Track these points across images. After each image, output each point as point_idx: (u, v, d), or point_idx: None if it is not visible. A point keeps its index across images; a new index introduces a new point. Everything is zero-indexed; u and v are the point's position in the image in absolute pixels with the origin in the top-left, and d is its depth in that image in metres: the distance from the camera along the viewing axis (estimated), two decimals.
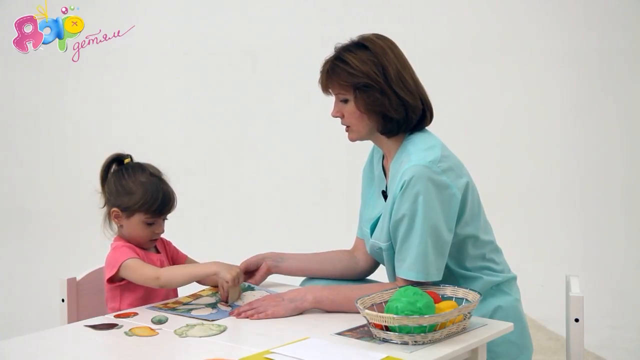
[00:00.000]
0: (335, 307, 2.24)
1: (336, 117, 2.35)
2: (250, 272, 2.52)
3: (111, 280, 2.31)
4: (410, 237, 2.20)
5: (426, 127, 2.37)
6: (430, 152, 2.24)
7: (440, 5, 5.39)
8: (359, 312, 2.10)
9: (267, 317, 2.19)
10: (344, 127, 2.36)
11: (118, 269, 2.28)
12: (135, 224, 2.32)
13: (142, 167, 2.36)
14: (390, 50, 2.30)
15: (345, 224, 4.47)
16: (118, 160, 2.39)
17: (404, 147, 2.30)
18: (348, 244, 2.76)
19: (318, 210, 5.38)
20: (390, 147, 2.35)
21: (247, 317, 2.20)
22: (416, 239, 2.19)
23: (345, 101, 2.30)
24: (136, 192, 2.31)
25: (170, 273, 2.27)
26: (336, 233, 4.49)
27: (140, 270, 2.27)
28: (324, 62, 2.34)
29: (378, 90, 2.25)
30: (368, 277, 2.60)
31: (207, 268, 2.28)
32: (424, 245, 2.18)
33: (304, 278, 2.59)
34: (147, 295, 2.34)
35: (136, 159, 2.42)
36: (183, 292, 2.42)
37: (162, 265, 2.38)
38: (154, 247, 2.43)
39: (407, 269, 2.20)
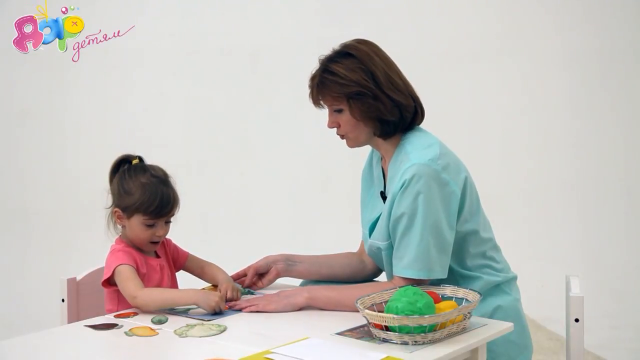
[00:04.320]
0: (331, 305, 2.24)
1: (332, 127, 2.35)
2: (259, 275, 2.52)
3: (107, 283, 2.31)
4: (410, 235, 2.20)
5: (423, 126, 2.37)
6: (429, 150, 2.24)
7: (441, 6, 5.39)
8: (354, 311, 2.11)
9: (258, 310, 2.22)
10: (340, 136, 2.35)
11: (112, 274, 2.28)
12: (135, 225, 2.32)
13: (144, 169, 2.35)
14: (375, 54, 2.29)
15: (346, 224, 4.46)
16: (126, 161, 2.39)
17: (401, 146, 2.31)
18: (349, 243, 2.75)
19: (318, 210, 5.38)
20: (387, 148, 2.35)
21: (242, 309, 2.22)
22: (417, 237, 2.19)
23: (340, 111, 2.30)
24: (135, 193, 2.30)
25: (149, 296, 2.23)
26: (337, 232, 4.50)
27: (125, 282, 2.24)
28: (311, 76, 2.32)
29: (371, 96, 2.25)
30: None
31: (186, 298, 2.23)
32: (425, 243, 2.18)
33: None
34: None
35: None
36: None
37: (162, 270, 2.37)
38: (154, 251, 2.42)
39: (406, 267, 2.20)
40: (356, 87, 2.24)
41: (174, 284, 2.44)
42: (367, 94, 2.25)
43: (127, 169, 2.35)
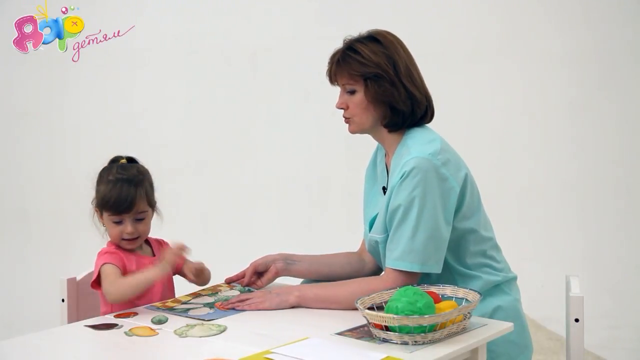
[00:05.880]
0: (319, 302, 2.26)
1: (340, 108, 2.35)
2: (259, 274, 2.52)
3: (98, 285, 2.32)
4: (403, 227, 2.20)
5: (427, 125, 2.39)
6: (430, 145, 2.26)
7: (439, 6, 5.39)
8: (342, 308, 2.16)
9: (251, 309, 2.23)
10: (344, 119, 2.36)
11: (98, 274, 2.30)
12: (106, 222, 2.36)
13: (119, 167, 2.37)
14: (401, 46, 2.34)
15: (344, 224, 4.47)
16: (115, 161, 2.41)
17: (403, 141, 2.32)
18: (348, 244, 2.75)
19: (318, 210, 5.38)
20: (390, 142, 2.36)
21: (234, 308, 2.24)
22: (411, 229, 2.19)
23: (352, 92, 2.31)
24: (100, 190, 2.35)
25: (117, 288, 2.25)
26: (336, 233, 4.50)
27: (103, 281, 2.27)
28: (333, 52, 2.35)
29: (388, 81, 2.27)
30: None
31: (148, 274, 2.26)
32: (420, 236, 2.19)
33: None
34: (138, 301, 2.34)
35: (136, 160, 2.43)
36: (182, 291, 2.43)
37: None
38: (149, 250, 2.43)
39: (398, 259, 2.20)
40: (376, 69, 2.27)
41: (169, 283, 2.44)
42: (385, 77, 2.27)
43: (105, 168, 2.38)
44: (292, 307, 2.28)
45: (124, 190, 2.32)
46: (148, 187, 2.38)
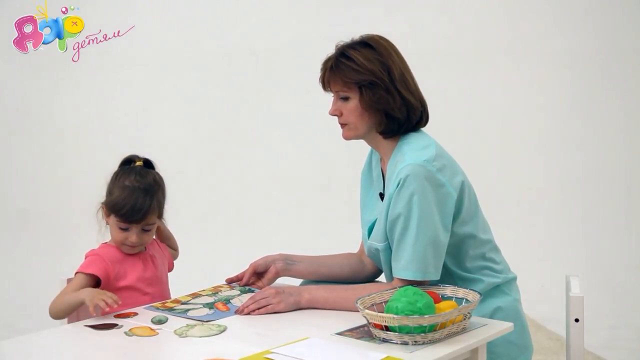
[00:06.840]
0: (329, 305, 2.25)
1: (334, 115, 2.34)
2: (258, 274, 2.52)
3: None
4: (406, 237, 2.20)
5: (422, 128, 2.37)
6: (425, 151, 2.24)
7: (440, 6, 5.40)
8: (352, 311, 2.12)
9: (268, 312, 2.21)
10: (340, 124, 2.35)
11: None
12: (112, 225, 2.36)
13: (136, 172, 2.36)
14: (394, 51, 2.31)
15: (345, 224, 4.46)
16: (130, 161, 2.41)
17: (399, 147, 2.30)
18: (348, 244, 2.75)
19: (318, 210, 5.38)
20: (385, 148, 2.35)
21: (250, 313, 2.21)
22: (412, 238, 2.18)
23: (346, 99, 2.29)
24: (114, 194, 2.33)
25: (54, 305, 2.26)
26: (336, 233, 4.49)
27: (62, 290, 2.28)
28: (326, 58, 2.32)
29: (383, 88, 2.25)
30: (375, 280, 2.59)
31: (76, 296, 2.22)
32: (420, 244, 2.18)
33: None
34: (130, 301, 2.34)
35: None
36: (182, 291, 2.43)
37: (144, 262, 2.39)
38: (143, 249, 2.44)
39: (403, 268, 2.20)
40: (370, 77, 2.25)
41: (163, 274, 2.46)
42: (380, 85, 2.25)
43: (121, 170, 2.37)
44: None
45: (139, 201, 2.31)
46: (161, 199, 2.37)
